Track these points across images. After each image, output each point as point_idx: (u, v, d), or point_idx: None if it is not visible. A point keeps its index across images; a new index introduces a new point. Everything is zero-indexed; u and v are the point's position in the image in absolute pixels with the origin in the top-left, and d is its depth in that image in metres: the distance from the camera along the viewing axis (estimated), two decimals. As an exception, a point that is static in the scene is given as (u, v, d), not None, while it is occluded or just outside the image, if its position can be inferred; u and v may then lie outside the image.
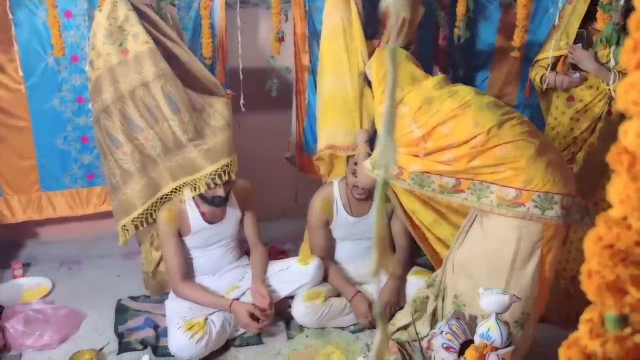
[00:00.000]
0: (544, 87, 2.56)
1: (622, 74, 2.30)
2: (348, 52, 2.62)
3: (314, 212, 2.66)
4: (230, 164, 2.44)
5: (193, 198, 2.48)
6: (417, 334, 2.21)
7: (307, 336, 2.51)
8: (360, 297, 2.55)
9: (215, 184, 2.40)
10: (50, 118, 2.92)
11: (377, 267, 0.49)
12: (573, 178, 2.04)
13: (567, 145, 2.48)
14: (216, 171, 2.40)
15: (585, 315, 0.49)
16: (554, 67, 2.53)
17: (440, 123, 2.00)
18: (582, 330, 0.48)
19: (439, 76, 2.20)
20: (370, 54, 2.61)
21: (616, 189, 0.48)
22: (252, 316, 2.39)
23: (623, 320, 0.46)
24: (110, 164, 2.50)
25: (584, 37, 2.43)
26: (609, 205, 0.50)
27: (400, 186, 2.14)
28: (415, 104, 2.06)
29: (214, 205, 2.46)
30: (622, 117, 0.55)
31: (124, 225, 2.52)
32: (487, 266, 2.02)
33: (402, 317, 2.34)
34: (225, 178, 2.41)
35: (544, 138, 2.10)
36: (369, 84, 2.40)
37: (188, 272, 2.54)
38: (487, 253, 2.02)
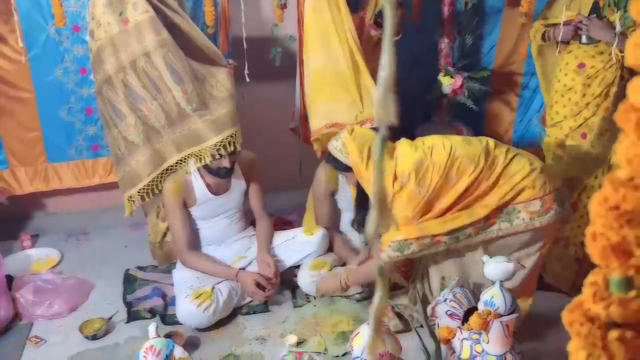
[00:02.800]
0: (546, 39, 2.53)
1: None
2: (335, 24, 2.52)
3: (319, 182, 2.66)
4: (235, 135, 2.42)
5: (198, 169, 2.48)
6: (418, 298, 2.22)
7: (314, 305, 2.53)
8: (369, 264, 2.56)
9: (220, 155, 2.39)
10: (53, 89, 2.91)
11: (375, 227, 0.48)
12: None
13: (579, 111, 2.44)
14: (221, 142, 2.38)
15: (590, 278, 0.48)
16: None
17: (443, 175, 2.08)
18: (586, 293, 0.47)
19: (398, 142, 2.23)
20: (357, 27, 2.56)
21: (623, 149, 0.46)
22: (258, 285, 2.41)
23: (628, 283, 0.46)
24: (114, 135, 2.49)
25: (597, 7, 2.37)
26: None
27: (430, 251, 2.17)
28: (411, 170, 2.10)
29: (219, 176, 2.46)
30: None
31: (130, 196, 2.53)
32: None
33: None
34: (231, 149, 2.40)
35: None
36: (337, 166, 2.31)
37: (194, 242, 2.56)
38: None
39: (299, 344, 2.26)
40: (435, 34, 3.28)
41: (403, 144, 2.20)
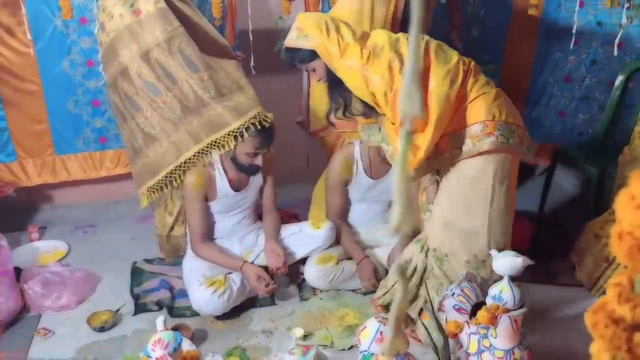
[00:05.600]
0: None
1: None
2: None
3: (334, 171, 2.63)
4: (260, 114, 2.32)
5: (222, 163, 2.44)
6: (428, 295, 2.21)
7: (321, 299, 2.53)
8: (367, 261, 2.55)
9: (256, 153, 2.32)
10: (61, 81, 2.91)
11: (399, 223, 0.47)
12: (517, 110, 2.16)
13: None
14: (244, 124, 2.30)
15: (614, 279, 0.46)
16: None
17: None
18: (610, 294, 0.46)
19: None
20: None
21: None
22: (261, 279, 2.40)
23: (655, 284, 0.44)
24: (131, 128, 2.46)
25: None
26: None
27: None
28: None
29: (248, 173, 2.44)
30: None
31: (150, 187, 2.46)
32: (467, 209, 2.09)
33: (388, 281, 2.34)
34: (258, 127, 2.29)
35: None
36: (302, 60, 2.18)
37: (209, 234, 2.54)
38: (464, 197, 2.09)
39: (305, 337, 2.26)
40: (444, 27, 3.24)
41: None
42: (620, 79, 2.95)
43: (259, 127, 2.30)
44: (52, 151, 3.05)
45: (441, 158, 2.08)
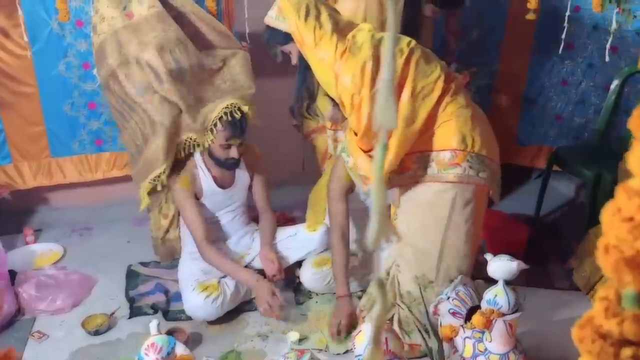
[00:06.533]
0: None
1: None
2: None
3: (338, 179, 2.56)
4: (232, 105, 2.31)
5: (204, 161, 2.46)
6: (423, 300, 2.21)
7: (316, 302, 2.53)
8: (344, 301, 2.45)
9: (229, 145, 2.33)
10: (56, 84, 2.90)
11: (377, 237, 0.47)
12: (497, 146, 2.07)
13: None
14: (216, 116, 2.30)
15: (601, 293, 0.46)
16: None
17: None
18: (597, 308, 0.46)
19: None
20: None
21: (637, 158, 0.45)
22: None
23: (641, 298, 0.44)
24: (132, 126, 2.45)
25: None
26: None
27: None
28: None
29: (226, 167, 2.44)
30: None
31: (157, 176, 2.39)
32: (421, 229, 2.05)
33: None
34: (229, 118, 2.29)
35: (477, 109, 2.07)
36: (278, 40, 2.11)
37: (211, 234, 2.49)
38: (421, 218, 2.05)
39: (300, 340, 2.26)
40: (440, 29, 3.25)
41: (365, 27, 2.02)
42: (615, 83, 2.96)
43: (230, 117, 2.29)
44: (48, 154, 3.04)
45: (404, 176, 2.01)
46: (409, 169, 1.99)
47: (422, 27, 2.67)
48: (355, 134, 1.98)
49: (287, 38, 2.07)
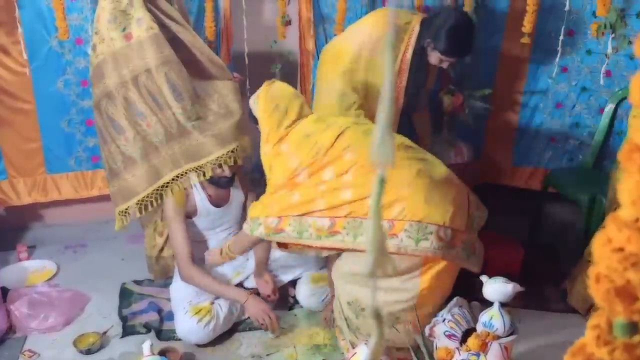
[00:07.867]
0: None
1: None
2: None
3: None
4: (236, 150, 2.40)
5: (199, 181, 2.46)
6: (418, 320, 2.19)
7: (295, 315, 2.54)
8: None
9: (220, 166, 2.38)
10: (54, 101, 2.91)
11: (373, 269, 0.47)
12: (460, 210, 1.94)
13: None
14: (222, 156, 2.36)
15: (592, 321, 0.47)
16: None
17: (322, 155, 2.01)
18: (589, 336, 0.46)
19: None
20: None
21: (627, 189, 0.46)
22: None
23: (633, 327, 0.44)
24: (111, 149, 2.46)
25: None
26: None
27: (280, 240, 2.08)
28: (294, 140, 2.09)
29: (219, 186, 2.44)
30: None
31: (125, 210, 2.46)
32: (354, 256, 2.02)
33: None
34: (230, 163, 2.38)
35: (429, 164, 2.02)
36: (255, 120, 2.29)
37: (194, 255, 2.51)
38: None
39: (268, 355, 2.27)
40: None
41: (313, 116, 2.18)
42: (609, 106, 3.00)
43: (230, 162, 2.37)
44: (44, 170, 3.03)
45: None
46: (337, 232, 1.96)
47: (430, 75, 2.72)
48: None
49: (255, 120, 2.28)
